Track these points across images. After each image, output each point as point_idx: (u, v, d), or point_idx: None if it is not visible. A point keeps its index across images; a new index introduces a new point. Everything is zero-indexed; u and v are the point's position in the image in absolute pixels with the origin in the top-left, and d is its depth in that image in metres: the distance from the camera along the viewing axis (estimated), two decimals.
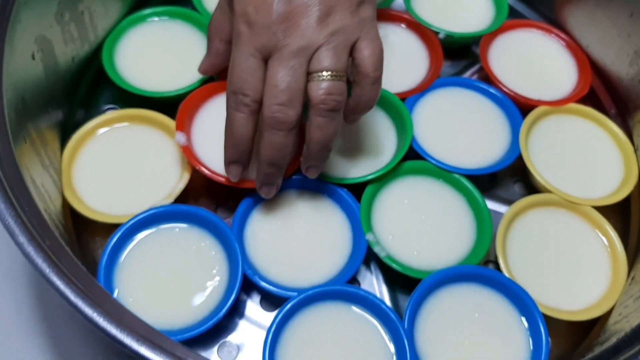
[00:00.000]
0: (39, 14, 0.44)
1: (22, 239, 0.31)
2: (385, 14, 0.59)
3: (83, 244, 0.49)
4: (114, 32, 0.56)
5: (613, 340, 0.34)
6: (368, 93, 0.43)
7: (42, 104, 0.46)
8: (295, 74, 0.40)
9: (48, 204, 0.40)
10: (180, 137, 0.49)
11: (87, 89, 0.55)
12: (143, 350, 0.29)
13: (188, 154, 0.48)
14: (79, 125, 0.51)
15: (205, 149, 0.50)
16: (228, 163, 0.45)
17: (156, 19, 0.58)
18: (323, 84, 0.40)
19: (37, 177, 0.40)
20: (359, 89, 0.43)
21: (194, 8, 0.58)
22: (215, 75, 0.53)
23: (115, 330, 0.29)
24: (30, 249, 0.30)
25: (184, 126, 0.49)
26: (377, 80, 0.43)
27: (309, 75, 0.41)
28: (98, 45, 0.55)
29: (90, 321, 0.29)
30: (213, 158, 0.49)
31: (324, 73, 0.40)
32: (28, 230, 0.31)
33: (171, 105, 0.54)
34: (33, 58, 0.43)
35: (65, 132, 0.52)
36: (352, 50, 0.42)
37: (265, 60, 0.41)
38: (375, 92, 0.43)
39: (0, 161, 0.34)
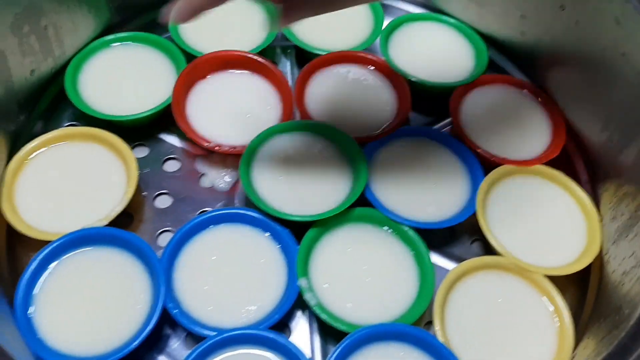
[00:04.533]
0: None
1: None
2: (355, 57, 0.58)
3: (16, 256, 0.48)
4: (79, 54, 0.56)
5: None
6: None
7: None
8: None
9: None
10: None
11: (49, 103, 0.55)
12: None
13: None
14: (34, 138, 0.51)
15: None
16: None
17: (118, 44, 0.58)
18: None
19: None
20: None
21: (169, 37, 0.58)
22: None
23: None
24: None
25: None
26: None
27: None
28: (66, 61, 0.55)
29: None
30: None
31: None
32: None
33: (130, 129, 0.54)
34: None
35: (18, 141, 0.52)
36: None
37: None
38: None
39: None
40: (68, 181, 0.50)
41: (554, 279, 0.47)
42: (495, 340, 0.45)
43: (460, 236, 0.53)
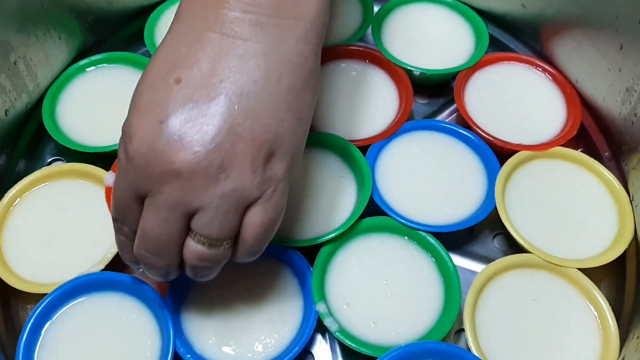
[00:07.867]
0: None
1: None
2: (347, 51, 0.54)
3: (12, 311, 0.45)
4: (53, 86, 0.52)
5: None
6: (242, 256, 0.37)
7: None
8: (168, 227, 0.33)
9: None
10: (110, 177, 0.45)
11: (29, 139, 0.52)
12: None
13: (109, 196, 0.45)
14: (18, 177, 0.47)
15: None
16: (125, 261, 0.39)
17: (93, 67, 0.54)
18: (198, 247, 0.34)
19: None
20: (237, 248, 0.36)
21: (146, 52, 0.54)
22: None
23: None
24: None
25: None
26: (255, 252, 0.37)
27: (189, 227, 0.34)
28: (41, 94, 0.52)
29: None
30: None
31: (203, 239, 0.34)
32: None
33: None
34: None
35: (1, 184, 0.49)
36: (245, 210, 0.35)
37: (142, 198, 0.34)
38: (249, 258, 0.37)
39: None
40: (58, 225, 0.46)
41: (587, 271, 0.44)
42: (534, 345, 0.42)
43: (480, 232, 0.49)
